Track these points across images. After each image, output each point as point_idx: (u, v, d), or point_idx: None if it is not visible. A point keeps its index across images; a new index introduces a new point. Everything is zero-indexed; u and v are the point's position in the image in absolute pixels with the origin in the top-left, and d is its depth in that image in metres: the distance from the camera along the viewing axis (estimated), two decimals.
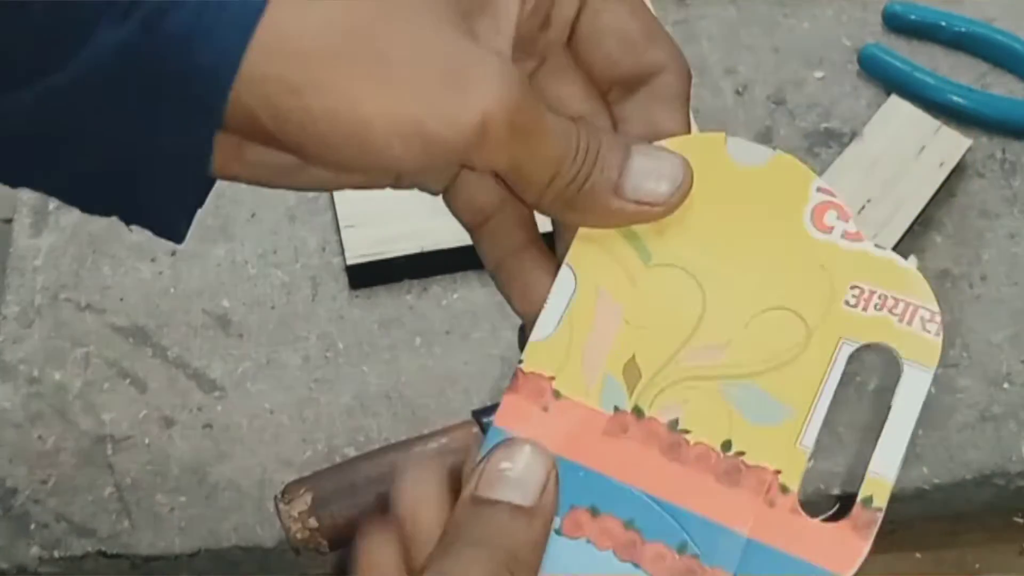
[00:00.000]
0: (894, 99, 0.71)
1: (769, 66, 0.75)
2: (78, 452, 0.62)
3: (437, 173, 0.36)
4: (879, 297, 0.34)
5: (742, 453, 0.33)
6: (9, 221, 0.70)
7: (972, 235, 0.68)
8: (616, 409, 0.34)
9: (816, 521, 0.33)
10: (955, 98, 0.72)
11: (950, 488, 0.61)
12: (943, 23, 0.75)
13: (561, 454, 0.33)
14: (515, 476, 0.32)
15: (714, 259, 0.35)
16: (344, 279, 0.67)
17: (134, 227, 0.36)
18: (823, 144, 0.72)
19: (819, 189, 0.35)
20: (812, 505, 0.65)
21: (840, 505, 0.35)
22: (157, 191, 0.33)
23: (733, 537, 0.33)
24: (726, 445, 0.33)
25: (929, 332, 0.34)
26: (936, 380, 0.63)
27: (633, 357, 0.34)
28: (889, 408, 0.33)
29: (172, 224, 0.35)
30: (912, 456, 0.61)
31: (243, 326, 0.66)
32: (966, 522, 0.64)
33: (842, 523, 0.33)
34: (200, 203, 0.35)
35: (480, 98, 0.31)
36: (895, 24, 0.76)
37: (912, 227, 0.67)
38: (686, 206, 0.34)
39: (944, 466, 0.61)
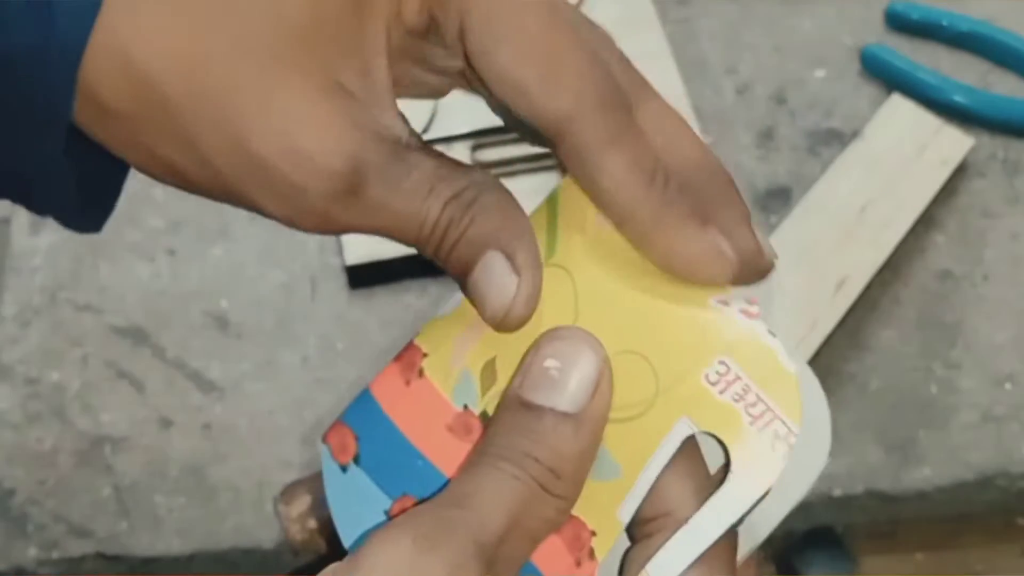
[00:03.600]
0: (896, 98, 0.71)
1: (770, 65, 0.75)
2: (76, 453, 0.62)
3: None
4: (742, 386, 0.29)
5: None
6: (7, 221, 0.70)
7: (974, 235, 0.68)
8: (465, 407, 0.32)
9: None
10: (957, 97, 0.72)
11: (952, 489, 0.61)
12: (945, 22, 0.75)
13: (407, 436, 0.32)
14: (561, 378, 0.29)
15: (604, 276, 0.32)
16: (343, 279, 0.67)
17: (126, 232, 0.36)
18: (824, 143, 0.71)
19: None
20: (811, 506, 0.65)
21: None
22: (38, 191, 0.33)
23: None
24: None
25: (776, 451, 0.28)
26: (939, 381, 0.63)
27: (494, 359, 0.32)
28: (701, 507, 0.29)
29: (73, 219, 0.34)
30: (914, 457, 0.61)
31: (242, 326, 0.66)
32: (968, 523, 0.64)
33: None
34: (103, 197, 0.34)
35: (303, 178, 0.29)
36: (897, 23, 0.76)
37: (914, 227, 0.66)
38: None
39: (946, 467, 0.61)
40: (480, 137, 0.71)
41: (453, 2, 0.30)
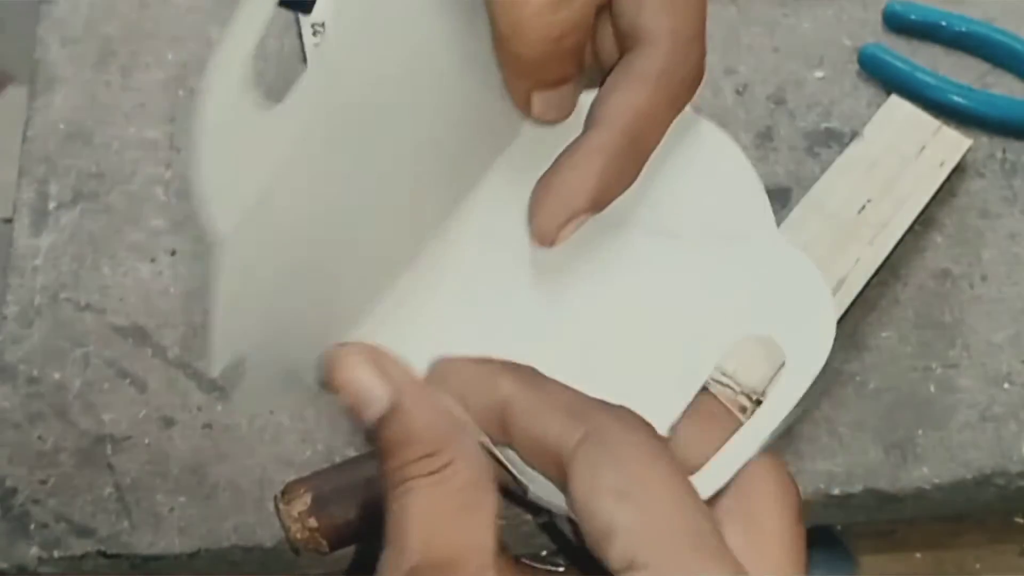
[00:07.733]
0: (894, 99, 0.71)
1: (769, 66, 0.75)
2: (78, 452, 0.62)
3: None
4: None
5: None
6: (9, 221, 0.70)
7: (972, 235, 0.68)
8: None
9: None
10: (955, 98, 0.72)
11: (950, 488, 0.61)
12: (943, 23, 0.75)
13: None
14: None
15: None
16: None
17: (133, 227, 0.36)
18: (823, 144, 0.72)
19: None
20: (810, 505, 0.65)
21: None
22: None
23: None
24: None
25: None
26: (937, 380, 0.63)
27: None
28: None
29: None
30: (912, 456, 0.61)
31: None
32: (966, 522, 0.64)
33: None
34: None
35: None
36: (895, 24, 0.76)
37: (912, 227, 0.66)
38: None
39: (944, 466, 0.61)
40: None
41: None
